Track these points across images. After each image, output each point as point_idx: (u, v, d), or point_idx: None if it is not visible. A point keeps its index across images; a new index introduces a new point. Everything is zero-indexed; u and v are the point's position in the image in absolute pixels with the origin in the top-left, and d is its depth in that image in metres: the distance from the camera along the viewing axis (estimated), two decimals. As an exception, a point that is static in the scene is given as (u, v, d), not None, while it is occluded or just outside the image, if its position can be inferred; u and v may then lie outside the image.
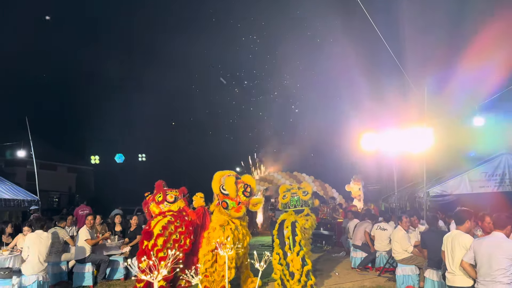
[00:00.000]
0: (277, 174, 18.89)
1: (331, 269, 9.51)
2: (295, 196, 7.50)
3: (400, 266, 7.33)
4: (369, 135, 10.55)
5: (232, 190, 6.88)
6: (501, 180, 10.40)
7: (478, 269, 4.54)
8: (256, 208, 7.32)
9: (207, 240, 7.02)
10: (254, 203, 7.18)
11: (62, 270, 8.26)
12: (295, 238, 6.95)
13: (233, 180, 6.96)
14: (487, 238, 4.66)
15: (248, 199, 7.05)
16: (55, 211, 19.00)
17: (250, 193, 7.09)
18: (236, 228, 7.02)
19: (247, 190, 7.03)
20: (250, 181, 7.28)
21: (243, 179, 7.28)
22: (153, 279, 2.15)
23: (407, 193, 12.80)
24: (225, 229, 6.89)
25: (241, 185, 7.07)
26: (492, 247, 4.43)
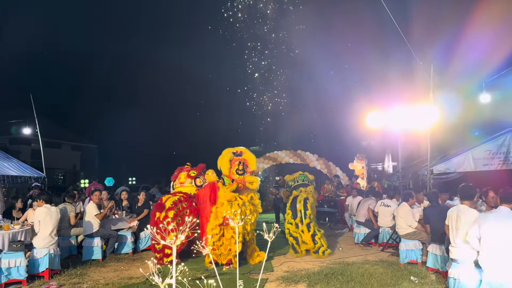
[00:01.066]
0: (281, 152, 18.95)
1: (335, 245, 9.67)
2: (302, 175, 8.83)
3: (403, 241, 7.45)
4: (375, 113, 10.52)
5: (225, 167, 7.19)
6: (505, 158, 10.42)
7: (482, 242, 4.62)
8: (253, 187, 7.35)
9: (214, 214, 7.18)
10: (250, 181, 7.28)
11: (72, 244, 8.44)
12: (306, 212, 8.01)
13: (228, 157, 7.24)
14: (493, 212, 4.72)
15: (242, 176, 7.21)
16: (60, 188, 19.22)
17: (244, 170, 7.20)
18: (243, 204, 7.16)
19: (239, 168, 7.18)
20: (249, 158, 7.34)
21: (244, 156, 7.36)
22: (172, 244, 2.23)
23: (411, 171, 12.88)
24: (232, 204, 7.02)
25: (236, 163, 7.18)
26: (497, 221, 4.49)
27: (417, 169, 12.33)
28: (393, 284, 6.02)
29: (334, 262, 7.74)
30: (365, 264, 7.45)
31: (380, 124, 10.46)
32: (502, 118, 10.87)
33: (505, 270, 4.40)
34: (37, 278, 6.66)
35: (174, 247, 2.26)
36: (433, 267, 6.57)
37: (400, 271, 6.79)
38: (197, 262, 7.63)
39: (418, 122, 9.37)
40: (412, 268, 6.96)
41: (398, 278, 6.37)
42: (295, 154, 18.62)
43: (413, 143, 12.89)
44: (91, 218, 8.21)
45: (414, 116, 9.50)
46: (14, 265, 6.30)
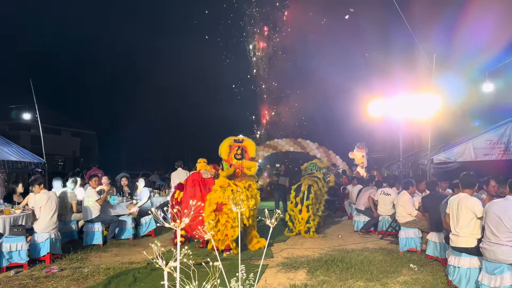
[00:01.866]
0: (281, 140, 18.94)
1: (334, 232, 9.73)
2: (312, 164, 10.17)
3: (403, 229, 7.48)
4: (377, 101, 10.48)
5: (224, 152, 7.34)
6: (506, 147, 10.40)
7: (486, 230, 4.63)
8: (251, 172, 7.41)
9: (208, 201, 7.25)
10: (248, 167, 7.34)
11: (73, 229, 8.47)
12: (309, 195, 9.28)
13: (228, 143, 7.38)
14: (500, 201, 4.72)
15: (241, 162, 7.31)
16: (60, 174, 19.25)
17: (242, 155, 7.30)
18: (238, 190, 7.23)
19: (238, 153, 7.30)
20: (248, 144, 7.43)
21: (244, 143, 7.42)
22: (176, 227, 2.22)
23: (411, 161, 12.89)
24: (225, 190, 7.16)
25: (235, 148, 7.34)
26: (503, 210, 4.50)
27: (417, 158, 12.34)
28: (393, 271, 6.06)
29: (333, 249, 7.79)
30: (365, 251, 7.50)
31: (381, 112, 10.43)
32: (503, 107, 10.84)
33: (505, 257, 4.43)
34: (38, 262, 6.70)
35: (179, 230, 2.26)
36: (432, 255, 6.61)
37: (399, 259, 6.84)
38: (198, 248, 7.67)
39: (419, 111, 9.34)
40: (412, 256, 7.01)
41: (398, 265, 6.41)
42: (295, 142, 18.62)
43: (414, 132, 12.88)
44: (90, 204, 8.22)
45: (416, 105, 9.47)
46: (15, 249, 6.32)
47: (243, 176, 7.48)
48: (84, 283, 5.67)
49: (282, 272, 6.16)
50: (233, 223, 7.07)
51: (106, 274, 6.03)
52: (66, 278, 5.89)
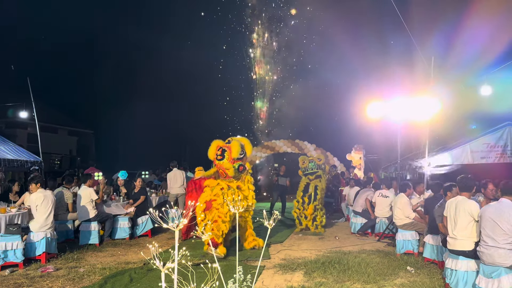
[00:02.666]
0: (279, 141, 18.93)
1: (331, 234, 9.72)
2: (312, 162, 10.29)
3: (400, 232, 7.48)
4: (375, 104, 10.49)
5: (211, 154, 7.42)
6: (503, 151, 10.45)
7: (482, 233, 4.63)
8: (230, 173, 7.27)
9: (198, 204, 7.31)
10: (226, 168, 7.27)
11: (69, 229, 8.43)
12: (316, 196, 9.93)
13: (216, 144, 7.44)
14: (495, 204, 4.73)
15: (221, 162, 7.31)
16: (57, 173, 19.16)
17: (223, 156, 7.29)
18: (229, 189, 7.30)
19: (218, 153, 7.33)
20: (233, 145, 7.38)
21: (230, 144, 7.43)
22: (174, 228, 2.20)
23: (408, 163, 12.91)
24: (214, 188, 7.25)
25: (220, 150, 7.36)
26: (498, 213, 4.51)
27: (414, 160, 12.35)
28: (390, 274, 6.06)
29: (330, 251, 7.78)
30: (362, 253, 7.49)
31: (380, 115, 10.45)
32: (501, 111, 10.87)
33: (502, 260, 4.43)
34: (34, 261, 6.66)
35: (177, 231, 2.23)
36: (429, 258, 6.61)
37: (396, 261, 6.83)
38: (193, 248, 7.64)
39: (417, 113, 9.35)
40: (409, 258, 7.00)
41: (395, 267, 6.41)
42: (293, 144, 18.61)
43: (412, 135, 12.90)
44: (86, 203, 8.16)
45: (414, 108, 9.48)
46: (10, 248, 6.27)
47: (228, 177, 7.41)
48: (80, 283, 5.63)
49: (279, 274, 6.15)
50: (224, 218, 7.10)
51: (102, 274, 6.00)
52: (61, 277, 5.85)
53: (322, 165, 10.43)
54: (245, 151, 7.59)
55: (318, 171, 10.28)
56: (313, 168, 10.32)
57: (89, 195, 8.20)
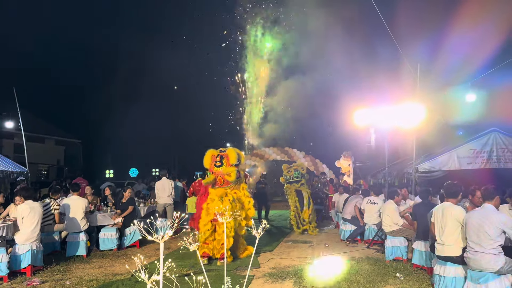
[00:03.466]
0: (268, 149, 18.94)
1: (321, 241, 9.71)
2: (296, 171, 11.02)
3: (389, 238, 7.51)
4: (362, 111, 10.58)
5: (207, 162, 7.55)
6: (489, 157, 10.57)
7: (468, 239, 4.68)
8: (231, 178, 7.42)
9: (206, 211, 7.27)
10: (227, 173, 7.41)
11: (55, 240, 8.29)
12: (310, 201, 10.90)
13: (211, 153, 7.58)
14: (478, 210, 4.79)
15: (220, 168, 7.43)
16: (44, 183, 18.90)
17: (221, 162, 7.43)
18: (233, 200, 7.31)
19: (217, 160, 7.46)
20: (229, 152, 7.54)
21: (226, 152, 7.51)
22: (159, 240, 2.18)
23: (396, 169, 13.01)
24: (223, 200, 7.15)
25: (218, 156, 7.51)
26: (482, 218, 4.56)
27: (402, 167, 12.46)
28: (379, 281, 6.06)
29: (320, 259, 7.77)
30: (351, 260, 7.49)
31: (367, 122, 10.53)
32: (486, 117, 11.04)
33: (489, 265, 4.47)
34: (19, 274, 6.53)
35: (162, 243, 2.21)
36: (418, 264, 6.63)
37: (385, 268, 6.84)
38: (183, 259, 7.57)
39: (404, 120, 9.44)
40: (398, 265, 7.02)
41: (384, 274, 6.42)
42: (282, 151, 18.63)
43: (399, 141, 13.02)
44: (78, 215, 8.04)
45: (401, 115, 9.57)
46: (-5, 261, 6.15)
47: (226, 184, 7.50)
48: (66, 296, 5.53)
49: (269, 283, 6.11)
50: (229, 233, 7.12)
51: (89, 286, 5.91)
52: (47, 291, 5.74)
53: (305, 174, 11.32)
54: (240, 158, 7.72)
55: (302, 179, 11.16)
56: (298, 177, 11.12)
57: (82, 206, 8.08)
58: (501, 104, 11.18)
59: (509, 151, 10.53)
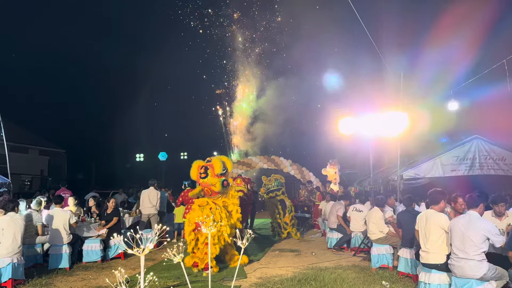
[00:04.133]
0: (255, 158, 18.94)
1: (308, 250, 9.70)
2: (276, 180, 12.12)
3: (375, 246, 7.54)
4: (347, 120, 10.68)
5: (193, 174, 7.53)
6: (472, 164, 10.76)
7: (453, 246, 4.73)
8: (216, 189, 7.38)
9: (188, 221, 7.22)
10: (212, 183, 7.36)
11: (37, 253, 8.10)
12: (292, 208, 11.81)
13: (196, 164, 7.55)
14: (462, 217, 4.85)
15: (206, 180, 7.37)
16: (27, 194, 18.53)
17: (206, 173, 7.37)
18: (217, 208, 7.21)
19: (201, 172, 7.41)
20: (215, 162, 7.48)
21: (211, 162, 7.46)
22: (140, 253, 2.15)
23: (381, 177, 13.11)
24: (204, 208, 7.12)
25: (202, 168, 7.43)
26: (466, 225, 4.62)
27: (387, 174, 12.56)
28: (365, 289, 6.07)
29: (307, 267, 7.76)
30: (338, 269, 7.50)
31: (352, 130, 10.62)
32: (469, 125, 11.24)
33: (472, 272, 4.52)
34: (-1, 289, 6.37)
35: (142, 257, 2.18)
36: (404, 271, 6.67)
37: (372, 276, 6.86)
38: (169, 270, 7.48)
39: (388, 128, 9.55)
40: (384, 273, 7.05)
41: (370, 283, 6.43)
42: (269, 160, 18.65)
43: (384, 148, 13.15)
44: (62, 227, 7.89)
45: (385, 123, 9.67)
46: (-26, 275, 5.99)
47: (214, 194, 7.47)
48: (48, 310, 5.40)
49: (255, 293, 6.07)
50: (213, 240, 7.04)
51: (71, 300, 5.78)
52: (28, 305, 5.60)
53: (283, 183, 12.29)
54: (226, 167, 7.65)
55: (282, 188, 12.07)
56: (278, 185, 12.04)
57: (66, 218, 7.93)
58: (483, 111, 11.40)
59: (491, 158, 10.74)
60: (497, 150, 10.71)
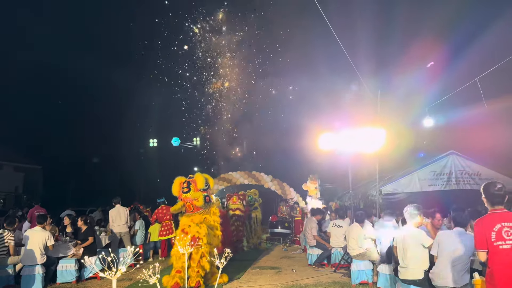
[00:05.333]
0: (236, 173, 18.87)
1: (288, 267, 9.63)
2: (250, 196, 13.07)
3: (354, 262, 7.54)
4: (326, 136, 10.78)
5: (175, 189, 7.51)
6: (448, 179, 10.96)
7: (439, 258, 4.81)
8: (199, 203, 7.34)
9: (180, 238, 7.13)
10: (195, 198, 7.35)
11: (9, 273, 7.79)
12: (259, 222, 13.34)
13: (178, 180, 7.55)
14: (451, 232, 4.97)
15: (188, 194, 7.36)
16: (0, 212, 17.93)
17: (189, 188, 7.37)
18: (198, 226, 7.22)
19: (184, 186, 7.40)
20: (197, 177, 7.50)
21: (195, 177, 7.45)
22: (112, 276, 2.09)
23: (361, 192, 13.21)
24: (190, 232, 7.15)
25: (185, 183, 7.46)
26: (454, 240, 4.75)
27: (367, 189, 12.67)
28: (345, 306, 6.04)
29: (287, 285, 7.69)
30: (318, 286, 7.47)
31: (331, 146, 10.71)
32: (444, 141, 11.49)
33: (456, 282, 4.59)
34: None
35: (114, 280, 2.12)
36: (383, 287, 6.68)
37: (351, 292, 6.85)
38: None
39: (366, 144, 9.67)
40: (363, 289, 7.05)
41: (350, 299, 6.41)
42: (250, 175, 18.59)
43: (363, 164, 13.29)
44: (37, 248, 7.61)
45: (363, 139, 9.79)
46: None
47: (196, 209, 7.41)
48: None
49: (235, 312, 5.97)
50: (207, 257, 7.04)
51: (43, 324, 5.56)
52: (-3, 330, 5.37)
53: (258, 199, 13.26)
54: (208, 183, 7.66)
55: (255, 203, 13.05)
56: (251, 201, 12.83)
57: (42, 239, 7.67)
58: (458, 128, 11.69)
59: (467, 173, 10.97)
60: (472, 165, 10.95)
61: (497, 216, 3.73)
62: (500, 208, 3.78)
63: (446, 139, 11.55)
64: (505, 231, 3.64)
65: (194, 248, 6.99)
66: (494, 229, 3.67)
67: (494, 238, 3.64)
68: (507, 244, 3.60)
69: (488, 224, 3.71)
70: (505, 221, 3.67)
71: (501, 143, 11.53)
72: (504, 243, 3.61)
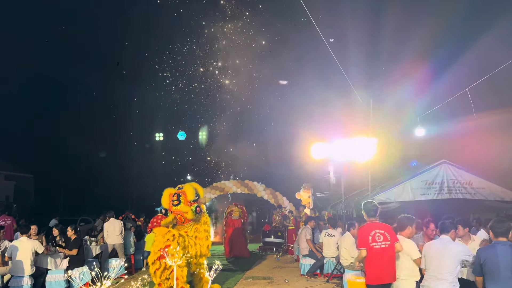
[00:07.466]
0: (228, 182, 18.79)
1: (281, 277, 9.56)
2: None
3: (347, 272, 7.50)
4: (319, 145, 10.79)
5: (164, 202, 7.41)
6: (440, 188, 10.96)
7: (427, 269, 4.79)
8: (189, 216, 7.23)
9: (152, 252, 6.97)
10: (184, 211, 7.22)
11: (-4, 285, 7.67)
12: None
13: (168, 192, 7.43)
14: (436, 242, 4.96)
15: (178, 207, 7.25)
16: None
17: (179, 201, 7.25)
18: (180, 236, 7.03)
19: (174, 199, 7.29)
20: (187, 188, 7.36)
21: (183, 189, 7.35)
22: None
23: (354, 201, 13.19)
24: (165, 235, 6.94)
25: (175, 195, 7.32)
26: (441, 250, 4.74)
27: (359, 198, 12.66)
28: (337, 317, 6.00)
29: (279, 295, 7.63)
30: (311, 296, 7.41)
31: (324, 155, 10.71)
32: (436, 151, 11.52)
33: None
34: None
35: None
36: (375, 298, 6.63)
37: (344, 303, 6.80)
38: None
39: (359, 153, 9.69)
40: (356, 299, 6.99)
41: (342, 310, 6.37)
42: (242, 184, 18.51)
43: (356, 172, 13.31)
44: (26, 258, 7.49)
45: (355, 148, 9.81)
46: None
47: (187, 221, 7.33)
48: None
49: (226, 324, 5.90)
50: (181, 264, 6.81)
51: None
52: None
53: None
54: (198, 193, 7.55)
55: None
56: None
57: (31, 248, 7.54)
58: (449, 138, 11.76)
59: (458, 182, 10.97)
60: (464, 174, 10.97)
61: (372, 225, 5.28)
62: (374, 219, 5.35)
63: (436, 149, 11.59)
64: (377, 236, 5.16)
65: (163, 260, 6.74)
66: (370, 234, 5.18)
67: (370, 240, 5.13)
68: (378, 245, 5.11)
69: (367, 230, 5.23)
70: (377, 229, 5.20)
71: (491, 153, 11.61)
72: (376, 244, 5.12)
